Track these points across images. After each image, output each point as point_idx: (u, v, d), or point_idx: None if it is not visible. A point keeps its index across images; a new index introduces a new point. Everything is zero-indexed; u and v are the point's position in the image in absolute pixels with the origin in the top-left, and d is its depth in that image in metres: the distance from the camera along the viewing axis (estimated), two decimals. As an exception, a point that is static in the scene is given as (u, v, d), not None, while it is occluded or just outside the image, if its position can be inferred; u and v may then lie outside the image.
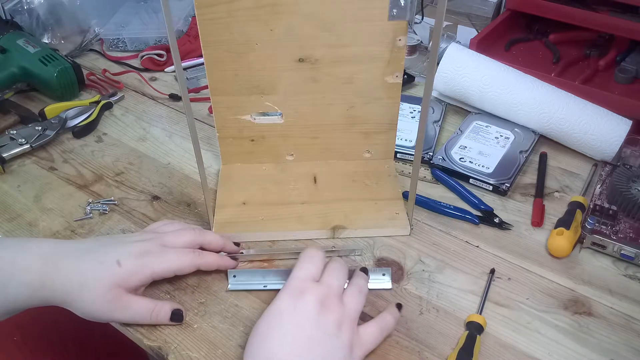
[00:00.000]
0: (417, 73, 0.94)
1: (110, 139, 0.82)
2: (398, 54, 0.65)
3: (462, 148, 0.76)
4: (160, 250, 0.55)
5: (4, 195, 0.72)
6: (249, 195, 0.69)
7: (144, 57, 1.00)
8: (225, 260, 0.60)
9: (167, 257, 0.55)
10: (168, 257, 0.55)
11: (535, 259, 0.62)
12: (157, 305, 0.54)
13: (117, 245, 0.54)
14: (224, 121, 0.70)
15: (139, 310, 0.53)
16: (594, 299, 0.58)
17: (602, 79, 0.87)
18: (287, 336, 0.47)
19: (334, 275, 0.52)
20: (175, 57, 0.51)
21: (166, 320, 0.54)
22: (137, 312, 0.53)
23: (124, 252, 0.53)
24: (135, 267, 0.52)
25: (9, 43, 0.89)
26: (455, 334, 0.54)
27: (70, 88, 0.90)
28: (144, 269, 0.53)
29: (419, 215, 0.68)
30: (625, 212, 0.65)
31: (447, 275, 0.60)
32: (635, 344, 0.54)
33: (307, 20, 0.62)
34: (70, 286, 0.51)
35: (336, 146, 0.73)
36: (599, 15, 0.87)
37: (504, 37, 0.96)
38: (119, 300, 0.52)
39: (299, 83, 0.67)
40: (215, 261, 0.59)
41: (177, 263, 0.55)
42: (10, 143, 0.77)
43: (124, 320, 0.54)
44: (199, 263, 0.57)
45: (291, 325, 0.47)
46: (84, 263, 0.52)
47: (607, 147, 0.73)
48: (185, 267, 0.56)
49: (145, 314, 0.53)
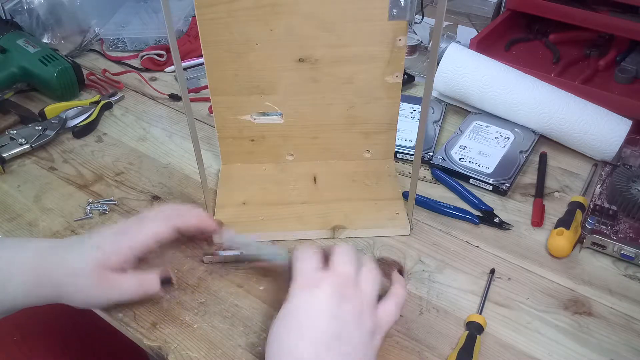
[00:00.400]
0: (417, 73, 0.94)
1: (110, 139, 0.82)
2: (398, 54, 0.65)
3: (462, 148, 0.76)
4: (138, 224, 0.55)
5: (4, 195, 0.72)
6: (249, 195, 0.69)
7: (144, 57, 1.00)
8: (206, 221, 0.58)
9: (143, 228, 0.55)
10: (144, 227, 0.55)
11: (535, 259, 0.62)
12: (144, 276, 0.54)
13: (100, 231, 0.55)
14: (224, 121, 0.70)
15: (127, 286, 0.53)
16: (594, 299, 0.58)
17: (602, 79, 0.87)
18: (305, 336, 0.44)
19: (344, 260, 0.49)
20: (175, 57, 0.51)
21: (157, 288, 0.54)
22: (126, 289, 0.53)
23: (103, 235, 0.54)
24: (112, 246, 0.53)
25: (9, 43, 0.89)
26: (455, 334, 0.54)
27: (70, 88, 0.90)
28: (121, 246, 0.53)
29: (419, 215, 0.68)
30: (625, 212, 0.65)
31: (447, 275, 0.60)
32: (635, 344, 0.54)
33: (307, 20, 0.62)
34: (60, 278, 0.51)
35: (336, 146, 0.73)
36: (599, 15, 0.87)
37: (504, 37, 0.96)
38: (106, 281, 0.52)
39: (299, 83, 0.67)
40: (193, 220, 0.57)
41: (154, 228, 0.54)
42: (10, 143, 0.77)
43: (118, 299, 0.54)
44: (178, 224, 0.55)
45: (309, 322, 0.45)
46: (69, 254, 0.53)
47: (607, 147, 0.73)
48: (162, 231, 0.55)
49: (135, 288, 0.53)
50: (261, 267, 0.60)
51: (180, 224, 0.56)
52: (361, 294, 0.47)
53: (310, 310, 0.46)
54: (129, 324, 0.55)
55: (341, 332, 0.44)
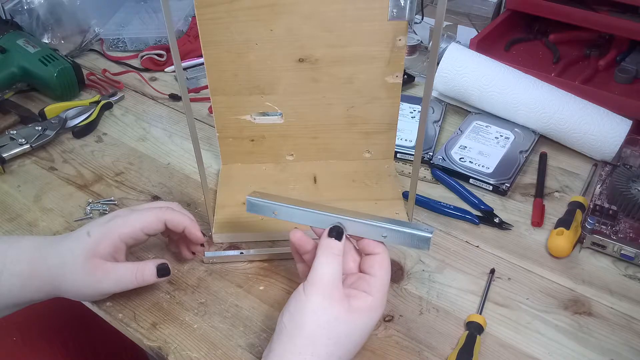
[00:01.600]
0: (417, 73, 0.94)
1: (110, 139, 0.82)
2: (398, 54, 0.65)
3: (462, 148, 0.76)
4: (128, 213, 0.55)
5: (4, 195, 0.72)
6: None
7: (144, 57, 1.00)
8: (195, 227, 0.57)
9: (132, 216, 0.55)
10: (133, 215, 0.55)
11: (535, 259, 0.62)
12: (140, 265, 0.54)
13: (91, 221, 0.56)
14: (224, 121, 0.70)
15: (122, 275, 0.53)
16: (594, 299, 0.58)
17: (602, 79, 0.87)
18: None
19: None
20: (175, 57, 0.51)
21: (153, 277, 0.54)
22: (120, 277, 0.53)
23: (94, 224, 0.54)
24: (102, 233, 0.53)
25: (9, 43, 0.89)
26: (455, 334, 0.54)
27: (70, 88, 0.90)
28: (111, 233, 0.53)
29: (419, 215, 0.68)
30: (625, 212, 0.65)
31: (447, 275, 0.60)
32: (635, 344, 0.53)
33: (307, 20, 0.62)
34: (54, 269, 0.51)
35: (336, 146, 0.73)
36: (599, 15, 0.86)
37: (504, 37, 0.96)
38: (99, 269, 0.52)
39: (299, 83, 0.67)
40: (183, 220, 0.56)
41: (142, 219, 0.55)
42: (10, 143, 0.77)
43: (112, 288, 0.54)
44: (165, 217, 0.55)
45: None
46: (62, 244, 0.53)
47: (607, 147, 0.73)
48: (150, 222, 0.55)
49: (130, 277, 0.53)
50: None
51: (170, 219, 0.55)
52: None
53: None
54: (129, 324, 0.55)
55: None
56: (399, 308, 0.57)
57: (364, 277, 0.48)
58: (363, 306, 0.46)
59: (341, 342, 0.45)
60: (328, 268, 0.47)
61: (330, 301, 0.45)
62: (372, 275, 0.48)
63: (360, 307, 0.46)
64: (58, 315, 0.74)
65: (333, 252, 0.48)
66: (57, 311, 0.74)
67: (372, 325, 0.47)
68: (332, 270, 0.47)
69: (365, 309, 0.46)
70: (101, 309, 0.57)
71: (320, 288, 0.46)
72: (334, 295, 0.46)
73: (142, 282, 0.54)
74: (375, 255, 0.49)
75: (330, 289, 0.46)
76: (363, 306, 0.46)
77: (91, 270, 0.51)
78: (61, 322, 0.74)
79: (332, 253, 0.48)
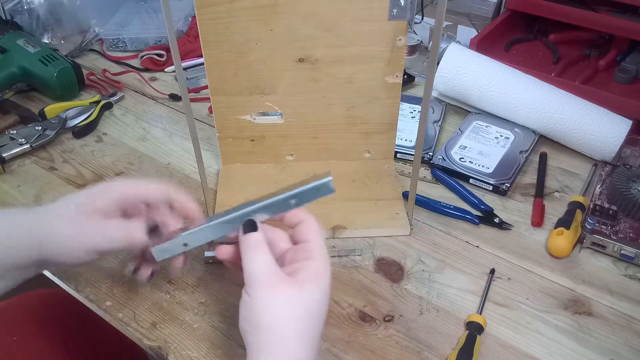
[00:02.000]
0: (417, 73, 0.94)
1: (110, 139, 0.82)
2: (398, 54, 0.65)
3: (462, 148, 0.76)
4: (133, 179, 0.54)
5: (4, 195, 0.72)
6: (249, 195, 0.68)
7: (144, 57, 1.00)
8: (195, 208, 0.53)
9: (138, 181, 0.53)
10: (138, 180, 0.53)
11: (535, 259, 0.62)
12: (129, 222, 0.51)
13: None
14: (224, 121, 0.70)
15: (112, 231, 0.50)
16: (594, 299, 0.58)
17: (602, 79, 0.87)
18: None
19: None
20: (175, 57, 0.51)
21: (144, 238, 0.51)
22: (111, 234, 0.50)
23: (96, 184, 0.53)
24: (99, 189, 0.51)
25: (9, 43, 0.89)
26: (455, 334, 0.54)
27: (70, 88, 0.90)
28: (110, 188, 0.52)
29: (419, 215, 0.68)
30: (625, 212, 0.65)
31: (447, 275, 0.60)
32: (635, 344, 0.54)
33: (307, 20, 0.62)
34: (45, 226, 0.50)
35: (336, 146, 0.73)
36: (599, 15, 0.87)
37: (504, 37, 0.96)
38: (90, 225, 0.50)
39: (299, 83, 0.67)
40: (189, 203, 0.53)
41: (147, 183, 0.53)
42: (10, 143, 0.77)
43: (103, 245, 0.51)
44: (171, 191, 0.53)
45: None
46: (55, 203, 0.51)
47: (607, 147, 0.73)
48: (154, 187, 0.53)
49: (120, 234, 0.50)
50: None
51: (173, 193, 0.53)
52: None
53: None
54: (129, 323, 0.55)
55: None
56: (399, 308, 0.57)
57: (299, 247, 0.48)
58: (309, 274, 0.46)
59: (306, 317, 0.44)
60: (255, 261, 0.46)
61: (274, 289, 0.44)
62: (306, 241, 0.48)
63: (307, 276, 0.45)
64: (58, 315, 0.74)
65: (253, 245, 0.47)
66: (57, 311, 0.74)
67: (327, 286, 0.46)
68: (261, 260, 0.46)
69: (313, 276, 0.46)
70: (101, 308, 0.57)
71: (258, 283, 0.45)
72: (275, 281, 0.45)
73: (133, 242, 0.51)
74: (301, 223, 0.49)
75: (268, 278, 0.45)
76: (309, 274, 0.46)
77: (82, 227, 0.50)
78: (61, 322, 0.74)
79: (252, 246, 0.47)
